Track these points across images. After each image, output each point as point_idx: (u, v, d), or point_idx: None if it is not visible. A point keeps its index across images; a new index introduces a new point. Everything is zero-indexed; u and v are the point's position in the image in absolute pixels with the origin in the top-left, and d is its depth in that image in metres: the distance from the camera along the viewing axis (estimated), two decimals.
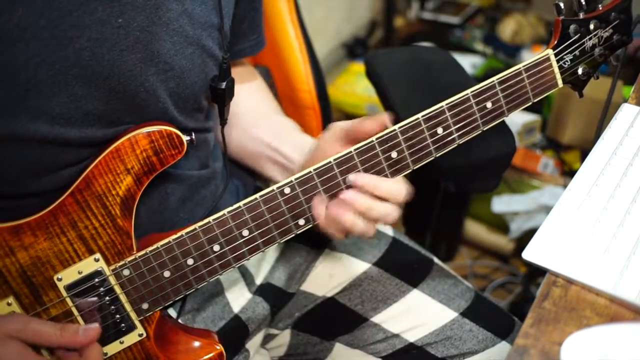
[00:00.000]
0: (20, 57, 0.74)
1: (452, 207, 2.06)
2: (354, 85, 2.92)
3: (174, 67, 0.87)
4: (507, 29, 3.02)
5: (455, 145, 0.89)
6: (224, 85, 0.94)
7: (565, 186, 1.17)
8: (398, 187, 0.86)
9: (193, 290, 0.87)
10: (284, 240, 0.87)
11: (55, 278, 0.82)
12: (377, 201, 0.85)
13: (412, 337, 1.03)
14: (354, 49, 3.21)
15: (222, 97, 0.95)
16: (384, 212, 0.85)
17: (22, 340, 0.78)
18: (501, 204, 2.14)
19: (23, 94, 0.76)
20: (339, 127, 0.91)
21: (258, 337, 1.08)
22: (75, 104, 0.80)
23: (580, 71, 0.96)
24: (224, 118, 0.98)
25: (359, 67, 2.97)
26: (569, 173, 2.23)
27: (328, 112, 1.44)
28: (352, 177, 0.84)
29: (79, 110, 0.81)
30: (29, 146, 0.79)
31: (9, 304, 0.81)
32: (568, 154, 2.28)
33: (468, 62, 2.86)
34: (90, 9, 0.77)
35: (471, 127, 0.89)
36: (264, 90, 1.19)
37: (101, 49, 0.79)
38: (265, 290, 1.07)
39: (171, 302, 0.87)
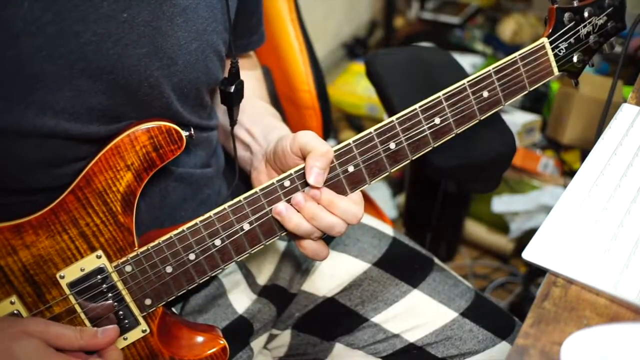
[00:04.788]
0: (26, 52, 0.74)
1: (452, 207, 2.07)
2: (354, 85, 2.93)
3: (178, 61, 0.87)
4: (507, 29, 3.02)
5: (453, 134, 0.90)
6: (232, 88, 0.94)
7: (565, 186, 1.17)
8: (354, 209, 0.86)
9: (195, 284, 0.87)
10: (284, 234, 0.88)
11: (57, 276, 0.82)
12: (327, 212, 0.85)
13: (412, 337, 1.03)
14: (354, 49, 3.21)
15: (231, 99, 0.96)
16: (332, 222, 0.85)
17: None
18: (501, 204, 2.14)
19: (28, 88, 0.76)
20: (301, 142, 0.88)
21: (262, 338, 1.08)
22: (80, 98, 0.80)
23: (575, 59, 0.97)
24: (234, 119, 0.98)
25: (359, 67, 2.97)
26: (569, 173, 2.23)
27: (328, 112, 1.44)
28: (313, 192, 0.85)
29: (83, 104, 0.81)
30: (35, 141, 0.80)
31: (12, 303, 0.81)
32: (568, 154, 2.28)
33: (468, 62, 2.87)
34: (96, 4, 0.78)
35: (468, 116, 0.90)
36: (255, 77, 1.19)
37: (106, 43, 0.80)
38: (271, 292, 1.07)
39: (174, 297, 0.87)
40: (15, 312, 0.82)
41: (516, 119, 2.33)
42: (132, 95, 0.84)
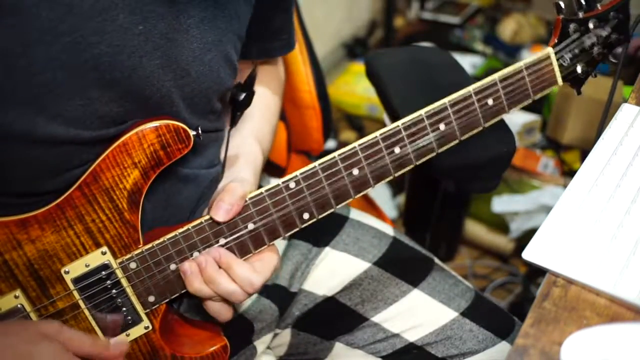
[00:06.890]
0: (40, 60, 0.74)
1: (452, 207, 2.07)
2: (354, 85, 2.93)
3: (191, 73, 0.87)
4: (507, 29, 3.02)
5: (457, 141, 0.91)
6: (242, 97, 0.95)
7: (565, 186, 1.18)
8: (250, 277, 0.86)
9: None
10: (288, 234, 0.88)
11: (62, 271, 0.82)
12: (225, 277, 0.85)
13: (412, 336, 1.04)
14: (354, 49, 3.22)
15: (238, 106, 0.96)
16: (229, 290, 0.85)
17: None
18: (501, 204, 2.14)
19: (40, 96, 0.76)
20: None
21: (267, 337, 1.08)
22: (91, 107, 0.80)
23: (579, 69, 0.97)
24: (235, 122, 0.99)
25: (359, 67, 2.98)
26: (569, 173, 2.23)
27: (328, 112, 1.44)
28: (214, 252, 0.86)
29: (94, 113, 0.81)
30: (46, 146, 0.80)
31: (16, 297, 0.81)
32: (568, 154, 2.28)
33: (468, 62, 2.87)
34: (112, 16, 0.78)
35: (473, 123, 0.91)
36: (262, 105, 1.12)
37: (121, 55, 0.79)
38: (272, 292, 1.07)
39: (177, 294, 0.87)
40: (18, 306, 0.82)
41: (516, 119, 2.33)
42: (143, 104, 0.84)
